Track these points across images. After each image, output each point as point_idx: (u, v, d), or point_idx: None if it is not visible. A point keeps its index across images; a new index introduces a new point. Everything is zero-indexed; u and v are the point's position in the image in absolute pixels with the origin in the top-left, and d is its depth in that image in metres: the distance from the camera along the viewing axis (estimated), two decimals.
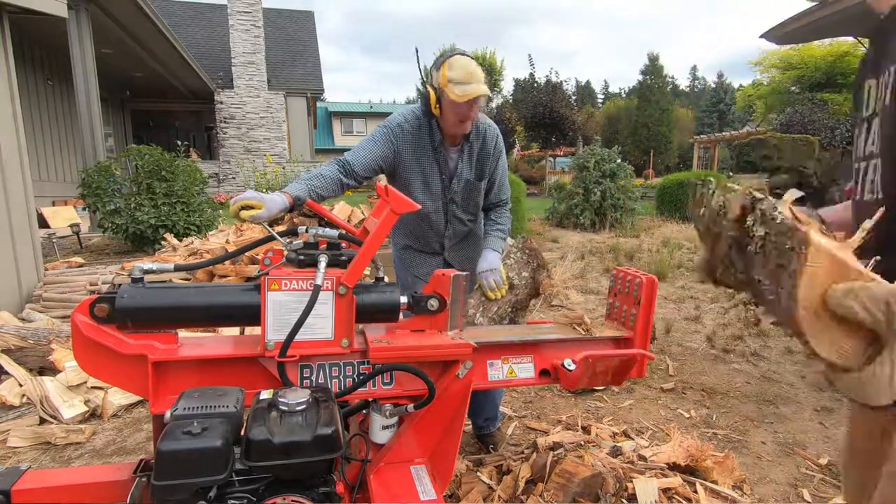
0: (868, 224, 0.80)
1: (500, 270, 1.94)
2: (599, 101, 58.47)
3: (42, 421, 2.55)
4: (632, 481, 1.85)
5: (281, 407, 1.12)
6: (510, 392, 2.93)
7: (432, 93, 1.82)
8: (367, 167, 1.88)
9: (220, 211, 7.84)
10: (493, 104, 25.88)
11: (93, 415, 2.68)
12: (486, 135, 2.03)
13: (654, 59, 30.32)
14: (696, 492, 1.88)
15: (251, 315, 1.28)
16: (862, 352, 0.78)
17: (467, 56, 1.82)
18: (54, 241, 6.66)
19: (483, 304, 1.92)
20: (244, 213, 1.46)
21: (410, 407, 1.37)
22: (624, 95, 52.09)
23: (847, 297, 0.76)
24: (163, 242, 6.15)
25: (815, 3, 2.97)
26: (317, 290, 1.22)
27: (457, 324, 1.49)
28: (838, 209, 1.18)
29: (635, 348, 1.59)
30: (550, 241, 8.11)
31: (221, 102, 16.73)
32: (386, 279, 1.50)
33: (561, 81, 19.45)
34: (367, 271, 1.40)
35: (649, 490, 1.80)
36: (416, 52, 1.93)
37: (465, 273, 1.48)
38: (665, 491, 1.85)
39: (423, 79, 1.86)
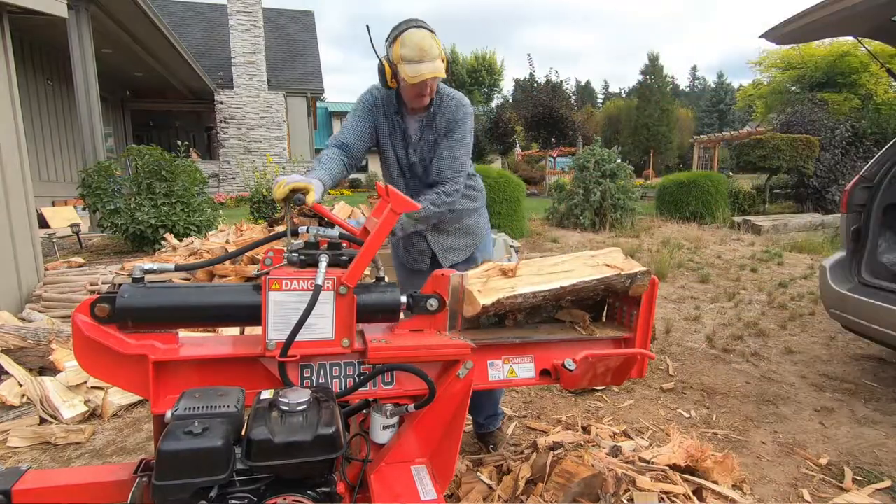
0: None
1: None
2: (599, 101, 58.47)
3: (42, 421, 2.55)
4: (630, 490, 1.83)
5: (282, 407, 1.13)
6: (510, 392, 2.93)
7: (387, 67, 1.80)
8: (360, 140, 1.92)
9: (221, 211, 7.84)
10: (493, 104, 25.89)
11: (93, 415, 2.68)
12: (451, 99, 1.96)
13: (654, 59, 30.33)
14: (702, 500, 1.87)
15: (252, 315, 1.28)
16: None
17: (422, 28, 1.77)
18: (54, 241, 6.66)
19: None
20: (309, 198, 1.44)
21: (411, 407, 1.37)
22: (624, 95, 52.10)
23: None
24: (163, 242, 6.15)
25: (815, 3, 2.97)
26: (317, 289, 1.22)
27: (456, 324, 1.49)
28: None
29: (635, 348, 1.59)
30: (550, 241, 8.11)
31: (221, 102, 16.72)
32: (386, 279, 1.50)
33: (561, 81, 19.48)
34: (367, 271, 1.40)
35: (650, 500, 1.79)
36: (368, 28, 1.87)
37: (465, 273, 1.48)
38: (667, 494, 1.85)
39: (376, 54, 1.86)
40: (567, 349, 1.57)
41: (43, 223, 7.98)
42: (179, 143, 7.76)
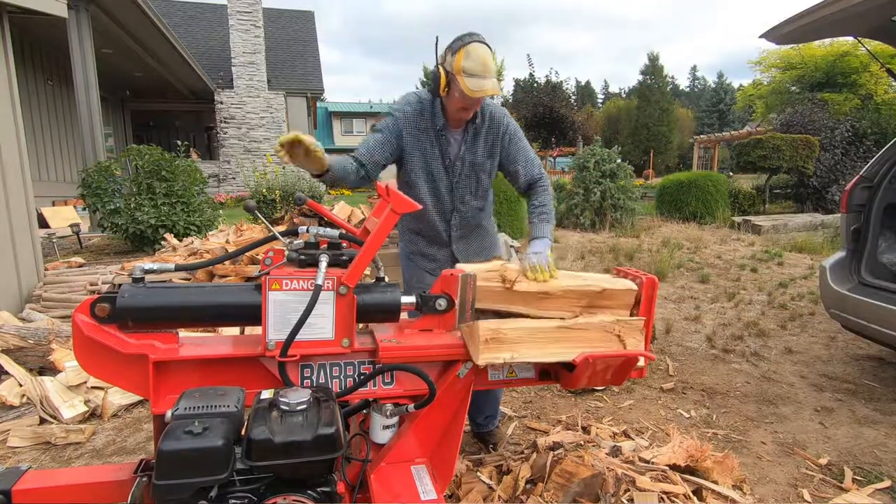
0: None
1: (548, 255, 1.73)
2: (599, 101, 58.43)
3: (42, 421, 2.55)
4: (630, 490, 1.83)
5: (282, 407, 1.12)
6: (510, 392, 2.93)
7: (443, 75, 1.80)
8: (374, 156, 1.90)
9: (221, 211, 7.84)
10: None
11: (93, 415, 2.68)
12: (493, 115, 2.00)
13: (654, 59, 30.36)
14: (702, 500, 1.87)
15: (252, 315, 1.28)
16: None
17: (485, 45, 1.78)
18: (54, 241, 6.66)
19: None
20: (309, 142, 1.47)
21: (411, 407, 1.37)
22: (624, 95, 52.09)
23: None
24: (163, 242, 6.15)
25: (815, 3, 2.97)
26: (318, 289, 1.22)
27: (465, 318, 1.49)
28: None
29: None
30: None
31: (221, 102, 16.72)
32: (386, 279, 1.50)
33: (561, 81, 19.51)
34: (367, 271, 1.40)
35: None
36: (437, 40, 1.89)
37: (473, 274, 1.48)
38: (667, 494, 1.84)
39: (436, 61, 1.85)
40: None
41: (43, 223, 7.98)
42: (179, 143, 7.76)
